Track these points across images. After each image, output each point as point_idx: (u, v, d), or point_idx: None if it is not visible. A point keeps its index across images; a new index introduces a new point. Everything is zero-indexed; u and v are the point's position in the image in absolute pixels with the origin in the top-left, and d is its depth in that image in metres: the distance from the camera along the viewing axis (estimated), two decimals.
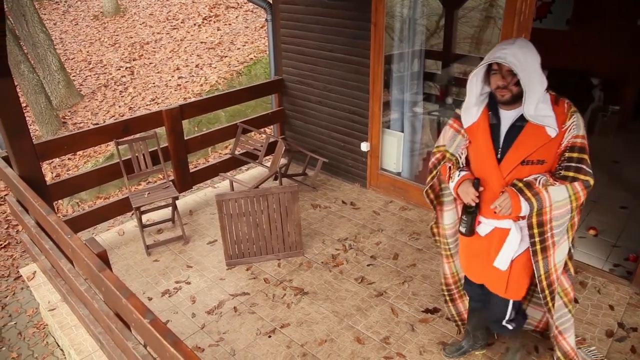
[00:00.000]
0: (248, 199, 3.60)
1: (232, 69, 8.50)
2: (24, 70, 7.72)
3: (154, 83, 8.81)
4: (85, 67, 10.03)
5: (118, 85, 9.04)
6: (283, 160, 5.00)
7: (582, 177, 2.05)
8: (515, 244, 2.24)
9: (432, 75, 5.27)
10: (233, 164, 5.01)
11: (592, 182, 2.07)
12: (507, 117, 2.16)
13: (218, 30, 10.32)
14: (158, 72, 9.18)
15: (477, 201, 2.18)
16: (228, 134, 4.89)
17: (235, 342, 3.06)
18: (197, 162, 7.37)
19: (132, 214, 5.01)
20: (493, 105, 2.19)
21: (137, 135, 4.19)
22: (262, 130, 5.21)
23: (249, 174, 5.38)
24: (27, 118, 7.39)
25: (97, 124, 7.80)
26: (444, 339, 2.99)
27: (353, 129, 4.69)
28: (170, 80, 8.76)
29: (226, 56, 9.09)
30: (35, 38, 8.42)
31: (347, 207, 4.52)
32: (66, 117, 8.45)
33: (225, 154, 7.21)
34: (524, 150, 2.10)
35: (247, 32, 9.85)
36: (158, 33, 10.82)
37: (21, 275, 4.88)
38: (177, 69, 9.11)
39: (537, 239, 2.15)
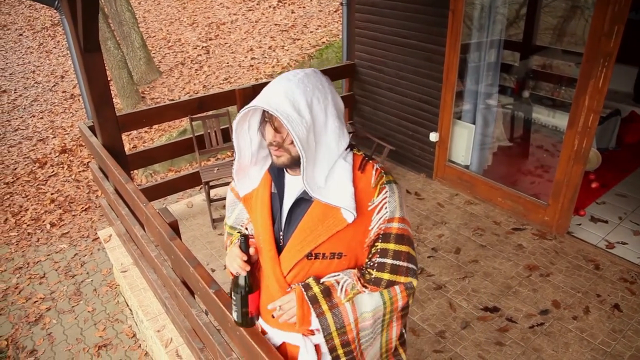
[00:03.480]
0: None
1: (304, 52, 8.56)
2: (110, 46, 8.19)
3: (227, 63, 9.04)
4: (165, 45, 10.47)
5: (194, 64, 9.36)
6: None
7: (402, 279, 1.49)
8: None
9: (509, 66, 5.04)
10: None
11: (415, 282, 1.53)
12: (293, 185, 1.51)
13: (292, 13, 10.39)
14: (232, 52, 9.41)
15: (248, 269, 1.49)
16: None
17: None
18: None
19: (201, 188, 5.22)
20: (277, 167, 1.52)
21: (210, 113, 4.34)
22: None
23: None
24: (111, 91, 7.87)
25: (172, 100, 8.14)
26: (502, 340, 2.90)
27: (423, 118, 4.59)
28: (243, 60, 8.96)
29: (299, 39, 9.15)
30: (121, 16, 8.88)
31: (411, 196, 4.46)
32: (145, 92, 8.88)
33: None
34: (310, 239, 1.45)
35: (320, 16, 9.85)
36: (234, 14, 11.06)
37: (98, 237, 5.24)
38: (251, 49, 9.30)
39: (343, 359, 1.55)
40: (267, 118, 1.40)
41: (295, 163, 1.43)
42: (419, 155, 4.78)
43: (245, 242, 1.49)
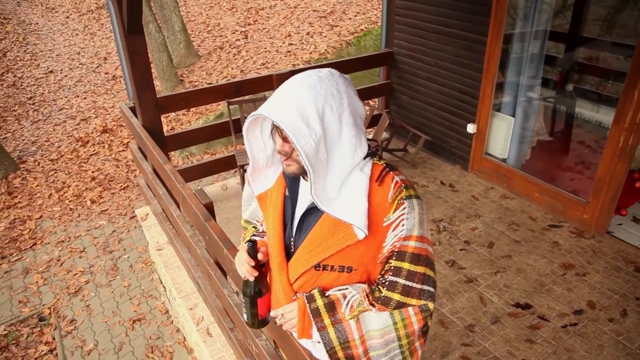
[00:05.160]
0: None
1: (342, 38, 8.50)
2: (151, 29, 8.34)
3: (265, 48, 9.08)
4: (204, 29, 10.59)
5: (232, 48, 9.44)
6: (385, 134, 4.97)
7: (413, 301, 1.36)
8: None
9: (552, 58, 4.87)
10: None
11: (431, 305, 1.39)
12: (307, 191, 1.40)
13: None
14: (270, 38, 9.44)
15: (256, 274, 1.45)
16: None
17: None
18: None
19: (236, 171, 5.30)
20: None
21: (247, 97, 4.38)
22: (365, 102, 5.20)
23: None
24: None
25: (210, 83, 8.26)
26: (533, 337, 2.85)
27: (461, 109, 4.51)
28: (281, 46, 8.98)
29: (337, 25, 9.09)
30: (163, 0, 9.02)
31: (446, 188, 4.41)
32: (183, 76, 9.03)
33: None
34: (319, 251, 1.37)
35: (359, 2, 9.75)
36: None
37: (135, 215, 5.41)
38: (289, 35, 9.30)
39: None
40: (275, 127, 1.33)
41: (305, 173, 1.33)
42: (455, 147, 4.71)
43: (253, 247, 1.44)
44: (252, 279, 1.45)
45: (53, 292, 4.49)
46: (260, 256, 1.46)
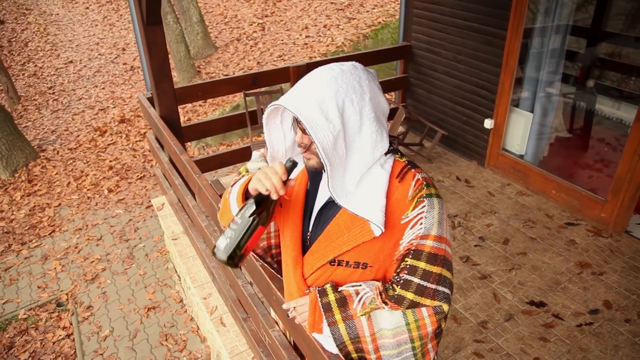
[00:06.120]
0: None
1: (359, 31, 8.46)
2: (169, 20, 8.38)
3: (282, 40, 9.07)
4: (222, 20, 10.61)
5: (249, 40, 9.45)
6: (401, 128, 4.94)
7: (427, 302, 1.33)
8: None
9: (573, 54, 4.78)
10: None
11: (446, 307, 1.35)
12: (326, 188, 1.40)
13: None
14: (287, 30, 9.42)
15: (282, 193, 1.25)
16: None
17: None
18: None
19: None
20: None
21: (264, 89, 4.39)
22: None
23: None
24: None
25: (227, 75, 8.28)
26: (547, 336, 2.83)
27: (478, 104, 4.46)
28: (298, 38, 8.96)
29: (354, 18, 9.04)
30: None
31: (461, 183, 4.37)
32: (200, 67, 9.07)
33: None
34: (335, 246, 1.36)
35: None
36: None
37: (152, 205, 5.47)
38: (306, 27, 9.27)
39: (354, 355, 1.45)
40: (295, 119, 1.30)
41: (323, 166, 1.30)
42: (472, 142, 4.67)
43: (292, 166, 1.27)
44: (275, 196, 1.25)
45: (71, 278, 4.58)
46: (291, 183, 1.30)
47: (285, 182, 1.26)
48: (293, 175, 1.44)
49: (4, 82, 8.91)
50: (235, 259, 1.27)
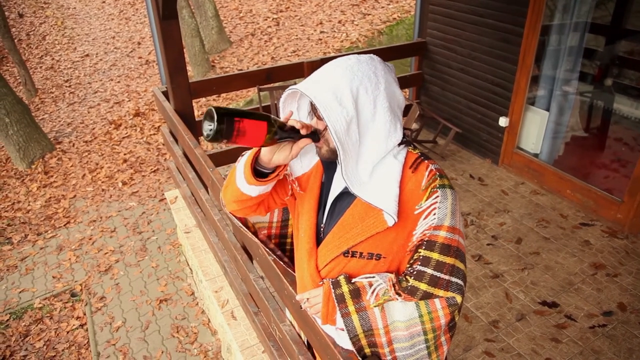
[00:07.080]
0: None
1: (374, 27, 8.42)
2: (184, 15, 8.42)
3: (296, 35, 9.07)
4: (236, 15, 10.63)
5: (264, 35, 9.46)
6: (415, 125, 4.91)
7: (440, 292, 1.32)
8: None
9: (592, 52, 4.71)
10: None
11: (459, 299, 1.34)
12: (340, 179, 1.41)
13: None
14: (302, 25, 9.41)
15: (303, 133, 1.24)
16: None
17: None
18: None
19: None
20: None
21: (278, 84, 4.39)
22: None
23: None
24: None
25: (241, 70, 8.30)
26: (559, 336, 2.81)
27: (493, 102, 4.42)
28: (312, 34, 8.95)
29: (369, 14, 9.00)
30: None
31: (475, 181, 4.34)
32: (215, 61, 9.11)
33: None
34: (349, 237, 1.37)
35: None
36: None
37: (165, 198, 5.52)
38: (320, 23, 9.26)
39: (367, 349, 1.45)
40: (312, 105, 1.31)
41: (335, 156, 1.30)
42: (486, 140, 4.63)
43: (317, 135, 1.29)
44: (304, 131, 1.23)
45: (85, 269, 4.64)
46: (303, 131, 1.26)
47: (304, 134, 1.25)
48: (307, 169, 1.48)
49: (22, 74, 9.03)
50: (222, 123, 1.09)
